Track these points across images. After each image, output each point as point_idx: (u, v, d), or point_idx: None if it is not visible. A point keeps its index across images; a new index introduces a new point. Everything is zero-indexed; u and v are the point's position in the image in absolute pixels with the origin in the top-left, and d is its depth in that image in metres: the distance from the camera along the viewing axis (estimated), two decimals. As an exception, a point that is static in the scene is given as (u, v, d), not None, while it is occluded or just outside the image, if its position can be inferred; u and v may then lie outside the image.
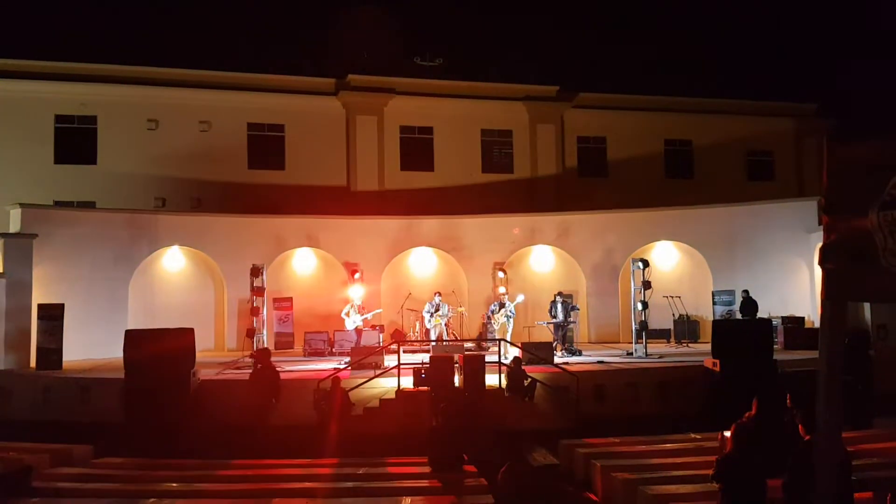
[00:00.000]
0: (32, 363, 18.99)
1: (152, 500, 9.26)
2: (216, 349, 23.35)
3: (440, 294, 21.44)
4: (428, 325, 20.99)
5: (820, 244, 16.36)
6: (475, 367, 15.21)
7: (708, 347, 16.94)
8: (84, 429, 14.03)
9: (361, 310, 20.63)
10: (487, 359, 15.92)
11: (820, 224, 22.91)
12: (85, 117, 27.52)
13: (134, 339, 15.51)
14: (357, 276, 22.26)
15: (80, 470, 11.35)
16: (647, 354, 19.44)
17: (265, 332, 19.62)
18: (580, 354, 20.04)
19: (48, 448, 12.23)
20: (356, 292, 21.43)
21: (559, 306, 20.78)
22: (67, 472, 11.11)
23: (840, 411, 3.70)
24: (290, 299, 23.97)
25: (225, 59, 29.23)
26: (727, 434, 7.01)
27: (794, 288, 23.78)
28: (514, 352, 17.85)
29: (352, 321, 20.20)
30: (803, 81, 34.48)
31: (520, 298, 21.29)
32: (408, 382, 15.54)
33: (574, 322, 21.83)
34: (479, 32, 33.75)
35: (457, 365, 15.85)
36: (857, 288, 3.60)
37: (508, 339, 19.58)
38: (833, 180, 3.58)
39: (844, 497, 6.14)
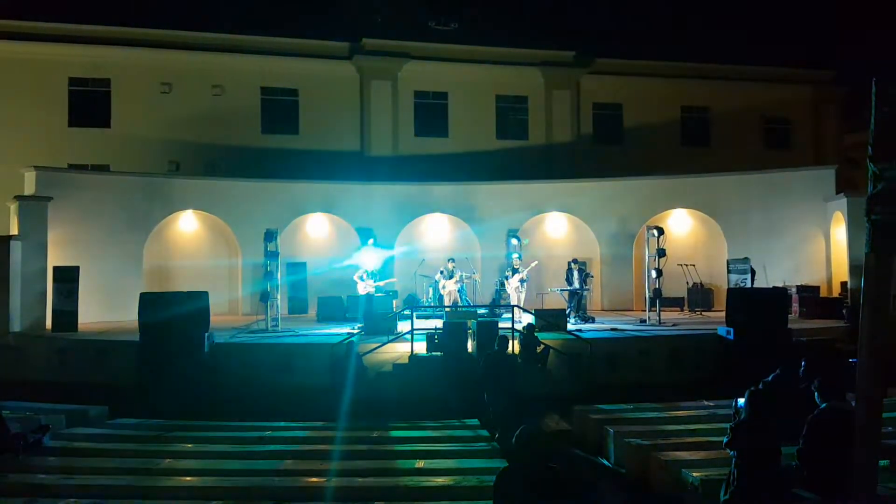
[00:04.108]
0: (48, 325, 19.15)
1: (167, 460, 9.33)
2: (230, 313, 23.46)
3: (454, 260, 21.42)
4: (441, 291, 21.00)
5: (836, 212, 16.28)
6: (488, 332, 15.21)
7: (722, 316, 16.92)
8: (99, 390, 14.14)
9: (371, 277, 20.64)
10: (501, 325, 15.92)
11: (837, 193, 22.75)
12: (98, 80, 27.50)
13: (149, 301, 15.58)
14: (370, 241, 22.24)
15: (95, 430, 11.44)
16: (660, 322, 19.41)
17: (279, 296, 19.66)
18: (593, 322, 20.01)
19: (64, 408, 12.33)
20: (369, 258, 21.43)
21: (575, 273, 20.72)
22: (83, 433, 11.19)
23: (882, 375, 3.54)
24: (303, 264, 24.01)
25: (238, 23, 29.02)
26: (741, 401, 6.96)
27: (810, 257, 23.61)
28: (527, 318, 17.85)
29: (364, 286, 20.21)
30: (822, 48, 33.94)
31: (533, 264, 21.24)
32: (421, 348, 15.58)
33: (588, 289, 21.77)
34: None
35: (470, 331, 15.85)
36: None
37: (521, 305, 19.56)
38: (881, 126, 3.41)
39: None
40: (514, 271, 20.73)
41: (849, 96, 32.95)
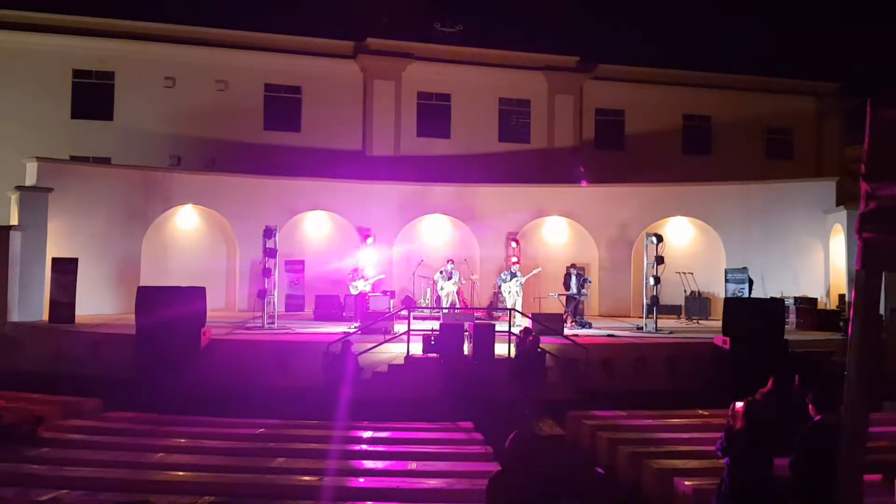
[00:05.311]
0: (45, 316, 19.13)
1: (160, 454, 9.34)
2: (227, 309, 23.46)
3: (452, 262, 21.41)
4: (439, 293, 20.99)
5: (836, 224, 16.30)
6: (485, 335, 15.22)
7: (718, 325, 16.91)
8: (94, 383, 14.14)
9: (355, 272, 20.60)
10: (497, 328, 15.93)
11: (838, 205, 22.78)
12: (102, 73, 27.50)
13: (146, 295, 15.62)
14: (369, 240, 22.26)
15: (89, 422, 11.45)
16: (657, 329, 19.41)
17: (276, 293, 19.65)
18: (590, 327, 20.01)
19: (59, 400, 12.34)
20: (367, 257, 21.42)
21: (573, 278, 20.73)
22: (77, 424, 11.21)
23: (869, 391, 3.56)
24: (301, 262, 24.01)
25: (244, 19, 29.05)
26: (738, 405, 6.96)
27: (809, 268, 23.62)
28: (524, 322, 17.85)
29: (354, 286, 20.19)
30: (826, 60, 33.98)
31: (536, 271, 21.23)
32: (417, 349, 15.58)
33: (586, 294, 21.77)
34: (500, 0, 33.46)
35: (466, 333, 15.86)
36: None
37: (519, 308, 19.57)
38: (874, 146, 3.45)
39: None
40: (513, 275, 20.74)
41: (853, 109, 32.91)
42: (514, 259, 22.33)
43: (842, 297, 21.79)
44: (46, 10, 27.19)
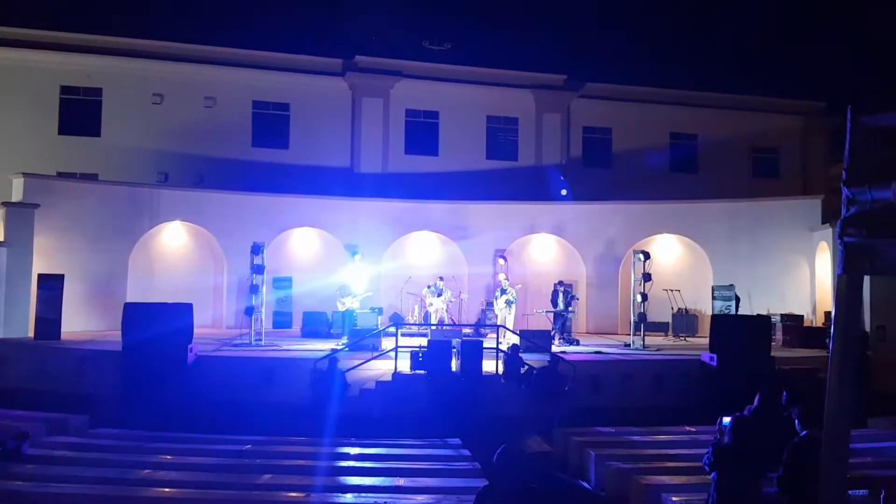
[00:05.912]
0: (31, 332, 19.01)
1: (146, 471, 9.29)
2: (214, 326, 23.37)
3: (443, 278, 21.43)
4: (428, 308, 21.00)
5: (822, 241, 16.42)
6: (473, 352, 15.22)
7: (705, 342, 16.97)
8: (80, 399, 14.07)
9: (343, 289, 20.63)
10: (485, 345, 15.93)
11: (824, 223, 22.94)
12: (90, 89, 27.46)
13: (133, 312, 15.55)
14: (357, 257, 22.25)
15: (75, 439, 11.39)
16: (644, 347, 19.44)
17: (263, 310, 19.60)
18: (577, 344, 20.04)
19: (44, 417, 12.26)
20: (355, 274, 21.42)
21: (560, 295, 20.78)
22: (63, 441, 11.15)
23: (851, 400, 3.59)
24: (289, 279, 23.96)
25: (232, 36, 29.09)
26: (726, 420, 7.00)
27: (795, 286, 23.75)
28: (512, 339, 17.87)
29: (342, 303, 20.19)
30: (812, 79, 34.23)
31: (517, 287, 21.28)
32: (405, 365, 15.56)
33: (573, 311, 21.80)
34: (488, 18, 33.68)
35: (454, 349, 15.86)
36: (876, 261, 3.50)
37: (509, 326, 19.59)
38: (855, 153, 3.53)
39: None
40: (503, 291, 20.76)
41: (838, 127, 33.05)
42: (503, 275, 22.35)
43: (828, 314, 21.85)
44: (34, 27, 27.14)
